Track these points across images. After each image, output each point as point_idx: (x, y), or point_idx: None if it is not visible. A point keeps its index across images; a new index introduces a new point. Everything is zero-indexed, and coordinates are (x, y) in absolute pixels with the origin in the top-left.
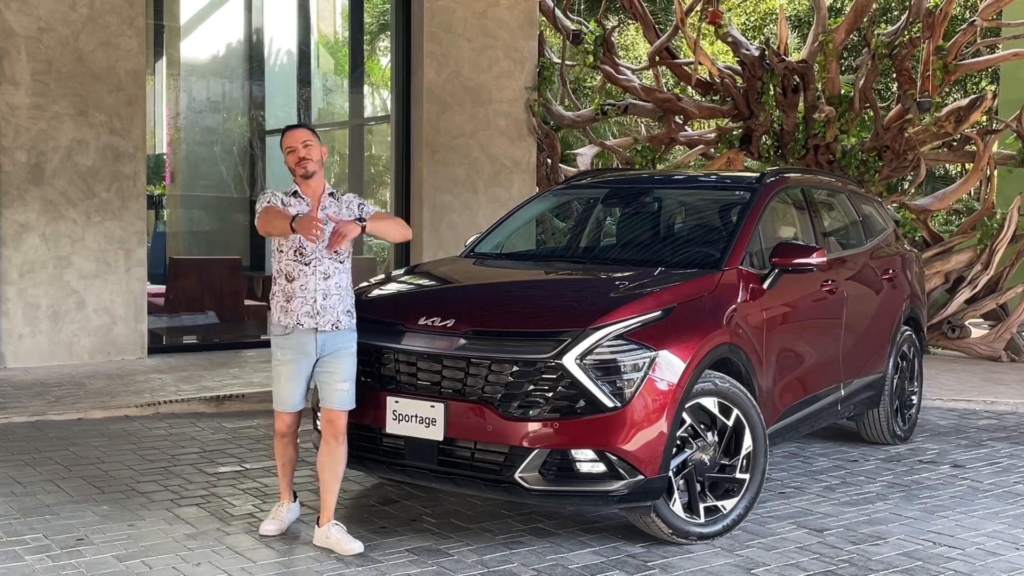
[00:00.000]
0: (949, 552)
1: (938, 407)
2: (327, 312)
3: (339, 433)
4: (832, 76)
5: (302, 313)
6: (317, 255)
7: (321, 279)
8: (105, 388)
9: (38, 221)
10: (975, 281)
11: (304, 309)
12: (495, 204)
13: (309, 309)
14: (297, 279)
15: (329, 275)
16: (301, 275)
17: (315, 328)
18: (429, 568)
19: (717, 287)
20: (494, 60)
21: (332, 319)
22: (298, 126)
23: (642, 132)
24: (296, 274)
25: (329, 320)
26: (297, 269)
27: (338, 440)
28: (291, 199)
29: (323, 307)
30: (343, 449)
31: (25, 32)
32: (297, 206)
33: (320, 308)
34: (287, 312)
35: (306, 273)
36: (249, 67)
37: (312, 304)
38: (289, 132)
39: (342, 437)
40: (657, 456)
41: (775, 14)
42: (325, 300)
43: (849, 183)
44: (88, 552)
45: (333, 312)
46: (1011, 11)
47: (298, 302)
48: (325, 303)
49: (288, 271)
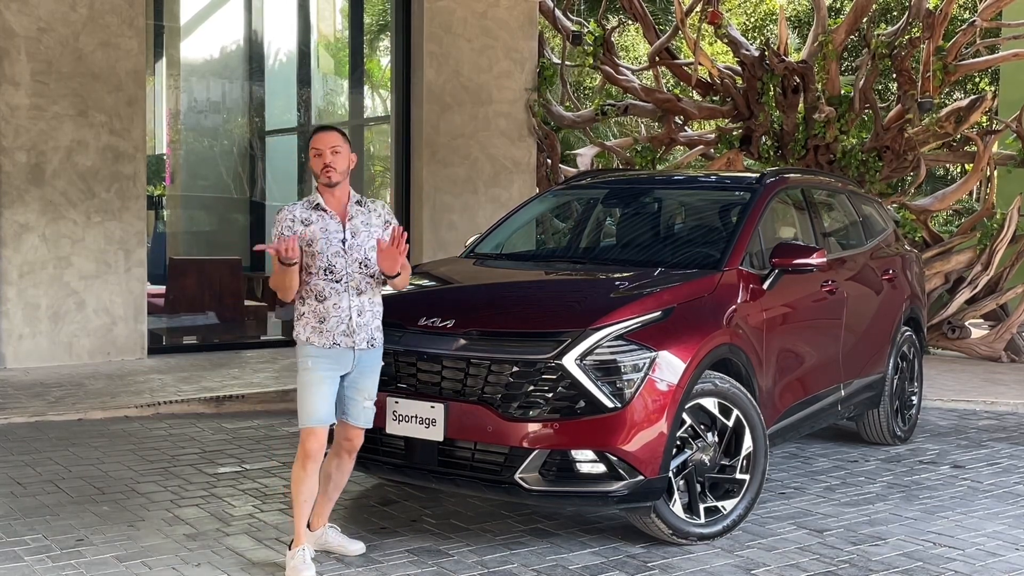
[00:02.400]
0: (949, 553)
1: (938, 407)
2: (362, 330)
3: (356, 450)
4: (832, 76)
5: (338, 332)
6: (347, 271)
7: (354, 295)
8: (105, 388)
9: (38, 221)
10: (975, 281)
11: (340, 328)
12: (495, 204)
13: (345, 328)
14: (329, 298)
15: (362, 291)
16: (333, 293)
17: (352, 347)
18: (429, 568)
19: (717, 287)
20: (494, 60)
21: (368, 336)
22: (329, 128)
23: (642, 132)
24: (328, 293)
25: (365, 338)
26: (329, 287)
27: (351, 456)
28: (313, 213)
29: (359, 324)
30: (352, 464)
31: (25, 32)
32: (319, 221)
33: (356, 326)
34: (321, 333)
35: (338, 291)
36: (249, 67)
37: (348, 323)
38: (319, 134)
39: (356, 453)
40: (657, 456)
41: (775, 14)
42: (360, 317)
43: (849, 183)
44: (88, 553)
45: (368, 329)
46: (1011, 11)
47: (333, 322)
48: (360, 320)
49: (319, 291)
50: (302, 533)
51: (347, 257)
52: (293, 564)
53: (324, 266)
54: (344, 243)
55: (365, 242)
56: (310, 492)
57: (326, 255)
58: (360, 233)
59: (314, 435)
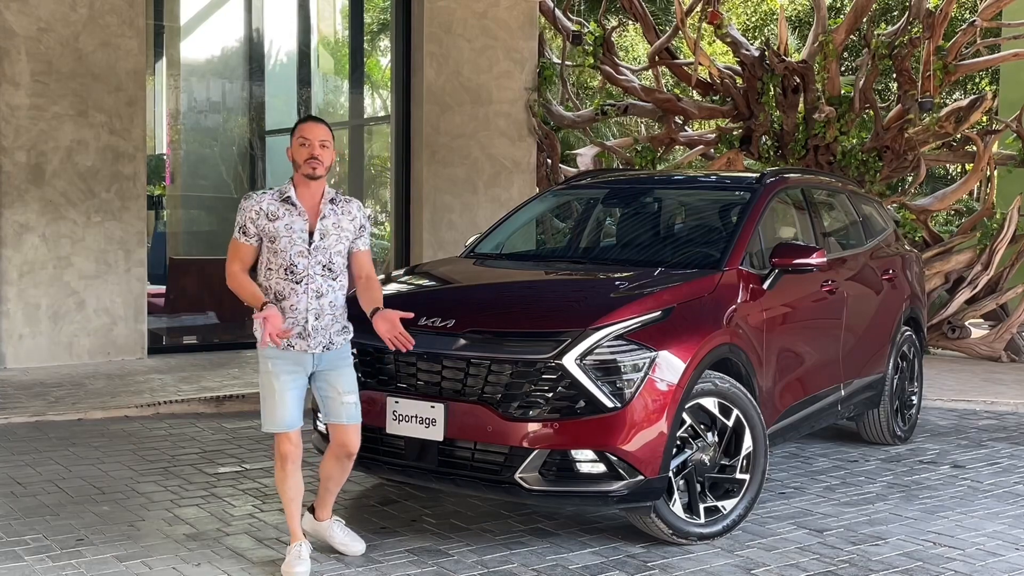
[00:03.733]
0: (949, 552)
1: (938, 407)
2: (319, 333)
3: (354, 454)
4: (832, 76)
5: (293, 335)
6: (309, 272)
7: (313, 298)
8: (105, 388)
9: (38, 221)
10: (975, 281)
11: (296, 331)
12: (495, 204)
13: (300, 330)
14: (287, 298)
15: (322, 293)
16: (292, 294)
17: (306, 350)
18: (429, 568)
19: (717, 287)
20: (494, 60)
21: (324, 340)
22: (319, 120)
23: (642, 132)
24: (287, 292)
25: (320, 342)
26: (288, 287)
27: (351, 458)
28: (281, 207)
29: (315, 328)
30: (351, 463)
31: (25, 32)
32: (286, 217)
33: (312, 329)
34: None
35: (297, 292)
36: (249, 67)
37: (304, 325)
38: (309, 123)
39: (355, 455)
40: (657, 456)
41: (775, 14)
42: (317, 320)
43: (849, 183)
44: (88, 552)
45: (325, 333)
46: (1011, 11)
47: (288, 323)
48: (317, 323)
49: (278, 289)
50: (297, 530)
51: (310, 258)
52: (288, 559)
53: (285, 264)
54: (310, 244)
55: (332, 245)
56: (295, 490)
57: (288, 254)
58: (329, 235)
59: (286, 438)
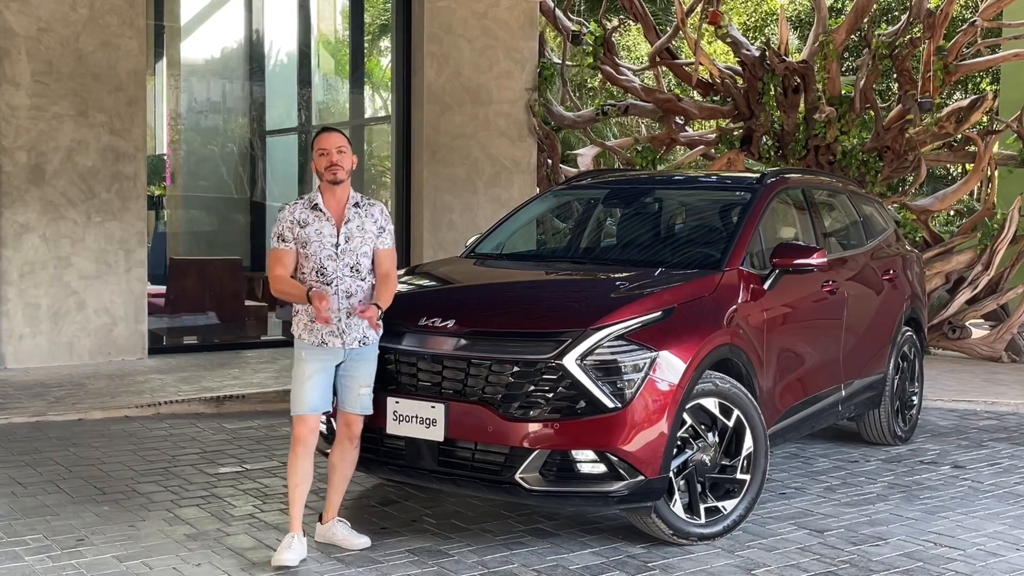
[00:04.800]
0: (950, 553)
1: (939, 408)
2: (352, 330)
3: (355, 436)
4: (832, 76)
5: (326, 332)
6: (338, 274)
7: (344, 298)
8: (105, 389)
9: (38, 221)
10: (976, 282)
11: (327, 328)
12: (495, 205)
13: (333, 328)
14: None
15: (351, 293)
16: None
17: (341, 347)
18: (429, 568)
19: (717, 288)
20: (494, 60)
21: (358, 336)
22: (334, 129)
23: (642, 132)
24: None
25: (355, 337)
26: (320, 288)
27: (353, 443)
28: (310, 214)
29: (348, 325)
30: (356, 452)
31: (25, 32)
32: (315, 223)
33: (345, 326)
34: (312, 331)
35: (328, 293)
36: (249, 68)
37: (336, 323)
38: (324, 134)
39: (357, 440)
40: (658, 457)
41: (775, 14)
42: (349, 318)
43: (849, 184)
44: (88, 552)
45: (358, 329)
46: (1011, 11)
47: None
48: (349, 321)
49: None
50: (296, 519)
51: (338, 261)
52: (279, 547)
53: (316, 267)
54: (337, 247)
55: (358, 247)
56: (301, 475)
57: (319, 257)
58: (354, 238)
59: (303, 421)
